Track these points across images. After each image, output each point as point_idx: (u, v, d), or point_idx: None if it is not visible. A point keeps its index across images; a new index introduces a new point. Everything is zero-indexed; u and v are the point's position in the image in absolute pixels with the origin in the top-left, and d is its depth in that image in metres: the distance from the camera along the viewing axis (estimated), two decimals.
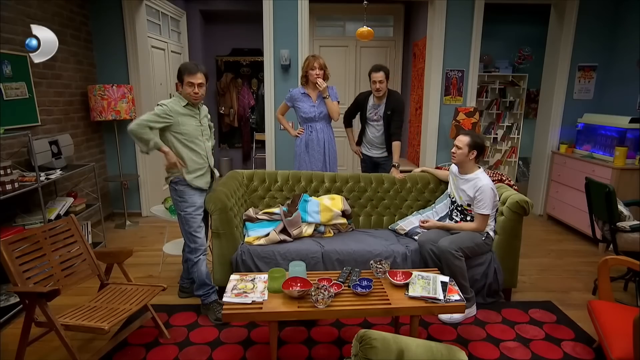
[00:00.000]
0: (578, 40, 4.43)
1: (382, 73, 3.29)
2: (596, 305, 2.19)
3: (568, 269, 3.47)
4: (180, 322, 2.61)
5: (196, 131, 2.63)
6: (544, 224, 4.64)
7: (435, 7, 4.35)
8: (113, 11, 4.23)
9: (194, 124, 2.62)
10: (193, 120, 2.62)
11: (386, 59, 6.34)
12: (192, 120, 2.61)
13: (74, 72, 3.95)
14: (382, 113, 3.45)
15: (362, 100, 3.55)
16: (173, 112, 2.51)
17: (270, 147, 4.52)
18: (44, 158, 3.28)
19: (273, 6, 4.17)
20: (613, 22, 4.39)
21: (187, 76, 2.49)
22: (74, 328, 2.02)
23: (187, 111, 2.59)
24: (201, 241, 2.66)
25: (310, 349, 2.34)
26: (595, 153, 4.10)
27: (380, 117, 3.47)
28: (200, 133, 2.66)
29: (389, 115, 3.43)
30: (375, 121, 3.51)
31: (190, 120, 2.60)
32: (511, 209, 2.72)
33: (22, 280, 2.04)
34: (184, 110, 2.57)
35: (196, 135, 2.62)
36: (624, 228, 2.80)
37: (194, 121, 2.62)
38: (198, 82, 2.50)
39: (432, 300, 2.08)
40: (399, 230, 3.11)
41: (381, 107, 3.44)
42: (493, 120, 5.90)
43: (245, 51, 6.89)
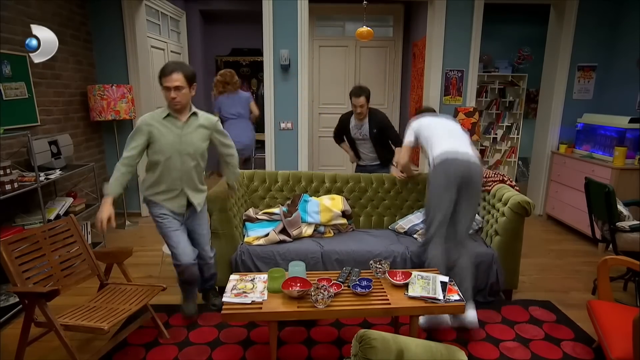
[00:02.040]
0: (578, 40, 4.43)
1: (363, 98, 3.31)
2: (596, 305, 2.19)
3: (568, 269, 3.47)
4: (179, 322, 2.60)
5: (171, 147, 2.24)
6: (544, 224, 4.64)
7: (435, 7, 4.35)
8: (113, 11, 4.23)
9: (171, 138, 2.24)
10: (170, 134, 2.24)
11: (386, 59, 6.34)
12: (169, 134, 2.24)
13: (73, 72, 3.95)
14: (367, 132, 3.48)
15: (345, 121, 3.59)
16: (147, 125, 2.22)
17: (270, 147, 4.52)
18: (43, 158, 3.27)
19: (273, 6, 4.17)
20: (612, 22, 4.39)
21: (162, 78, 2.16)
22: (74, 328, 2.02)
23: (166, 123, 2.24)
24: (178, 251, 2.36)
25: (310, 349, 2.34)
26: (594, 153, 4.10)
27: (365, 135, 3.51)
28: (178, 151, 2.26)
29: (376, 133, 3.45)
30: (362, 140, 3.56)
31: (167, 133, 2.24)
32: (512, 210, 2.72)
33: (21, 281, 2.04)
34: (161, 122, 2.24)
35: (170, 151, 2.25)
36: (623, 228, 2.80)
37: (171, 135, 2.24)
38: (174, 85, 2.14)
39: (431, 300, 2.08)
40: (399, 229, 3.11)
41: (364, 126, 3.48)
42: (493, 120, 5.90)
43: (245, 51, 6.89)
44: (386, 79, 6.42)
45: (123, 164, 2.21)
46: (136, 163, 2.26)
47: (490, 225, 2.95)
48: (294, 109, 4.38)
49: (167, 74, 2.14)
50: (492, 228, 2.91)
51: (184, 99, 2.21)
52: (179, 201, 2.36)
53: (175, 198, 2.35)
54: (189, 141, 2.29)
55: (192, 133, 2.29)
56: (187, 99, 2.23)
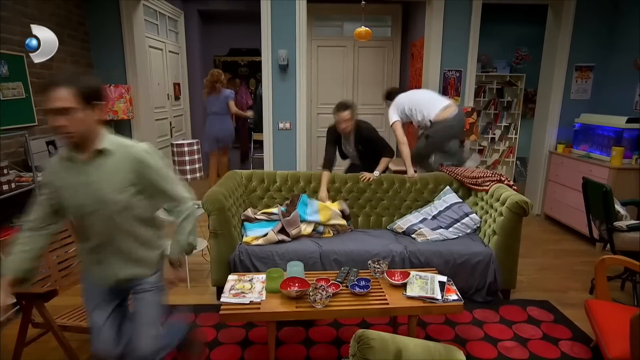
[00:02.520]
0: (575, 41, 4.44)
1: (348, 112, 3.11)
2: (593, 304, 2.20)
3: (565, 269, 3.48)
4: None
5: (75, 203, 1.52)
6: (542, 223, 4.65)
7: (433, 7, 4.35)
8: (110, 11, 4.22)
9: (73, 189, 1.51)
10: (73, 179, 1.50)
11: (384, 59, 6.34)
12: (71, 180, 1.51)
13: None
14: (354, 148, 3.35)
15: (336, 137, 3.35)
16: (50, 173, 1.56)
17: (268, 147, 4.52)
18: (41, 158, 3.26)
19: (271, 6, 4.17)
20: (610, 22, 4.41)
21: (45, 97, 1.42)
22: (72, 329, 2.02)
23: (68, 166, 1.51)
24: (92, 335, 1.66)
25: (309, 349, 2.34)
26: (592, 153, 4.11)
27: (354, 150, 3.38)
28: (87, 207, 1.50)
29: (362, 149, 3.33)
30: (351, 154, 3.46)
31: (69, 181, 1.51)
32: (511, 210, 2.73)
33: None
34: (63, 166, 1.53)
35: (77, 210, 1.53)
36: (621, 227, 2.81)
37: (73, 183, 1.50)
38: (58, 107, 1.40)
39: (429, 300, 2.08)
40: (397, 229, 3.11)
41: (350, 140, 3.33)
42: (491, 120, 5.91)
43: (243, 51, 6.88)
44: (384, 79, 6.42)
45: (25, 230, 1.59)
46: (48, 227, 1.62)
47: (489, 225, 2.95)
48: (292, 109, 4.38)
49: (48, 91, 1.40)
50: (490, 228, 2.92)
51: (79, 127, 1.42)
52: (101, 271, 1.64)
53: (98, 266, 1.64)
54: (98, 191, 1.49)
55: (102, 179, 1.50)
56: (84, 127, 1.44)
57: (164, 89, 5.34)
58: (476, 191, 3.22)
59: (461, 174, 3.30)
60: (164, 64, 5.36)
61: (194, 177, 3.24)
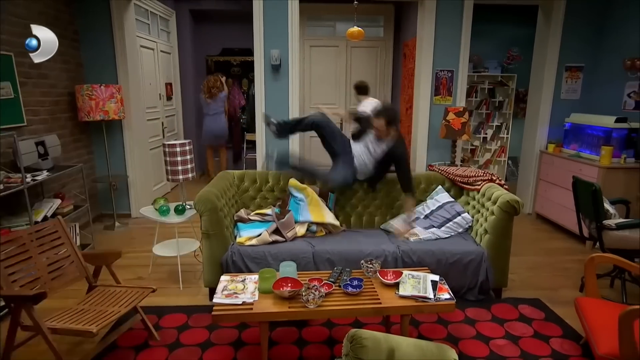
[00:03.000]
0: (565, 41, 4.49)
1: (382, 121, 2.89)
2: (583, 302, 2.22)
3: (556, 267, 3.52)
4: (170, 323, 2.58)
5: None
6: (533, 222, 4.70)
7: (425, 7, 4.37)
8: (101, 10, 4.18)
9: None
10: None
11: (376, 58, 6.36)
12: None
13: (60, 72, 3.89)
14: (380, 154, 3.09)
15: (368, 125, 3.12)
16: None
17: (261, 147, 4.51)
18: (30, 159, 3.22)
19: (263, 6, 4.16)
20: (599, 23, 4.46)
21: None
22: (62, 331, 1.99)
23: None
24: None
25: (302, 349, 2.33)
26: (582, 152, 4.16)
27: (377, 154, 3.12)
28: None
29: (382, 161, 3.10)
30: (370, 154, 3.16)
31: None
32: (502, 209, 2.75)
33: (7, 284, 2.00)
34: None
35: None
36: (609, 226, 2.85)
37: None
38: None
39: (422, 299, 2.09)
40: (390, 228, 3.12)
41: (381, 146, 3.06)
42: (482, 120, 5.95)
43: (236, 51, 6.86)
44: (377, 79, 6.44)
45: None
46: None
47: (480, 224, 2.97)
48: (285, 109, 4.37)
49: None
50: (481, 227, 2.94)
51: None
52: None
53: None
54: None
55: None
56: None
57: (155, 89, 5.30)
58: (468, 190, 3.24)
59: (453, 173, 3.32)
60: (156, 63, 5.32)
61: (186, 177, 3.21)
